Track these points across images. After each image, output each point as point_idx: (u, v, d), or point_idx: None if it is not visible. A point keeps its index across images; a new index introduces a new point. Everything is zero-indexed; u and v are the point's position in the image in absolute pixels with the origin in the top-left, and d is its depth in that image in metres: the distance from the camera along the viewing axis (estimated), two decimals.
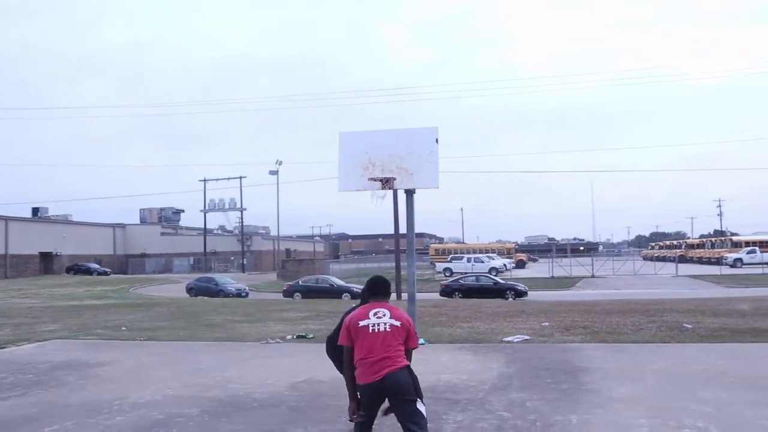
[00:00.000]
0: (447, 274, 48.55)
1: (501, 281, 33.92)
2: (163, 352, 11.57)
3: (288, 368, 9.51)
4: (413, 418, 4.37)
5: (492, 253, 62.06)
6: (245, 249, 71.47)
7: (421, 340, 10.57)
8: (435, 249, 75.30)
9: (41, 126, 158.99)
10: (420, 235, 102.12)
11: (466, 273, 40.75)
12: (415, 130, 11.75)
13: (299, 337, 13.25)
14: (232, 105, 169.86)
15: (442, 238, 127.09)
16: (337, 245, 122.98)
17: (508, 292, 30.23)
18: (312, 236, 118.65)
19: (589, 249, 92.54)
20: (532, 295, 30.50)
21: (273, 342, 12.73)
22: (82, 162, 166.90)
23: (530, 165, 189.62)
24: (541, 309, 18.61)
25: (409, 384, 4.44)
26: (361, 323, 4.55)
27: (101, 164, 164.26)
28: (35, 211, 69.30)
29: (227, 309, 21.71)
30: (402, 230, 28.22)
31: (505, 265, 55.67)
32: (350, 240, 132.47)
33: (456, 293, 30.70)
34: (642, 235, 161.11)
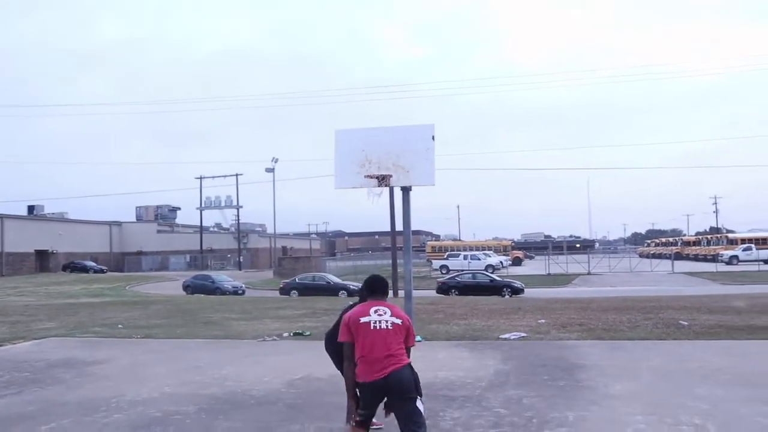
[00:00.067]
0: (443, 272, 48.58)
1: (497, 278, 34.00)
2: (160, 350, 11.55)
3: (285, 365, 9.51)
4: (413, 417, 4.38)
5: (488, 251, 62.13)
6: (242, 246, 71.39)
7: (418, 338, 10.58)
8: (431, 246, 75.35)
9: (38, 123, 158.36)
10: (416, 233, 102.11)
11: (463, 270, 40.78)
12: (412, 128, 11.75)
13: (296, 335, 13.25)
14: (229, 102, 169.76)
15: (439, 236, 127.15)
16: (334, 243, 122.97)
17: (505, 290, 30.32)
18: (308, 234, 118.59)
19: (586, 246, 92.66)
20: (529, 293, 30.57)
21: (270, 339, 12.72)
22: (79, 159, 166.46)
23: (527, 162, 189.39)
24: (538, 306, 18.65)
25: (412, 382, 4.45)
26: (362, 319, 4.54)
27: (98, 162, 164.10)
28: (31, 209, 69.17)
29: (224, 307, 21.70)
30: (398, 227, 28.19)
31: (502, 263, 55.78)
32: (347, 237, 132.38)
33: (452, 291, 30.77)
34: (638, 233, 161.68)
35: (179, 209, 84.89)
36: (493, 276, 35.46)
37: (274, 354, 10.88)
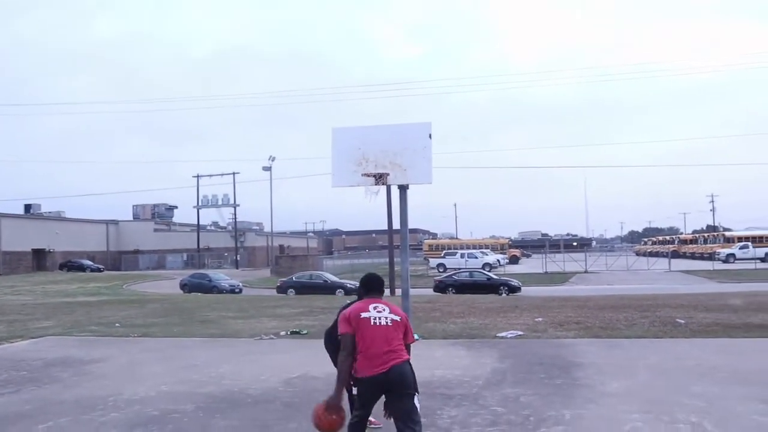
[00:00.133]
0: (440, 270, 48.61)
1: (494, 277, 34.04)
2: (157, 349, 11.54)
3: (282, 364, 9.51)
4: (411, 415, 4.40)
5: (485, 249, 62.25)
6: (239, 245, 71.32)
7: (416, 336, 10.59)
8: (428, 245, 75.44)
9: (35, 122, 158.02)
10: (413, 231, 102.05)
11: (460, 269, 40.82)
12: (409, 126, 11.76)
13: (293, 333, 13.24)
14: (226, 101, 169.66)
15: (436, 234, 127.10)
16: (331, 241, 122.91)
17: (502, 288, 30.34)
18: (305, 232, 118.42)
19: (583, 244, 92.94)
20: (526, 291, 30.59)
21: (267, 338, 12.72)
22: (76, 158, 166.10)
23: (524, 160, 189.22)
24: (535, 304, 18.66)
25: (412, 378, 4.47)
26: (363, 315, 4.55)
27: (94, 160, 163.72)
28: (28, 208, 69.01)
29: (221, 305, 21.68)
30: (395, 226, 28.23)
31: (499, 261, 55.80)
32: (344, 236, 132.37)
33: (449, 289, 30.78)
34: (635, 231, 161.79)
35: (176, 208, 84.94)
36: (490, 274, 35.48)
37: (271, 352, 10.88)
